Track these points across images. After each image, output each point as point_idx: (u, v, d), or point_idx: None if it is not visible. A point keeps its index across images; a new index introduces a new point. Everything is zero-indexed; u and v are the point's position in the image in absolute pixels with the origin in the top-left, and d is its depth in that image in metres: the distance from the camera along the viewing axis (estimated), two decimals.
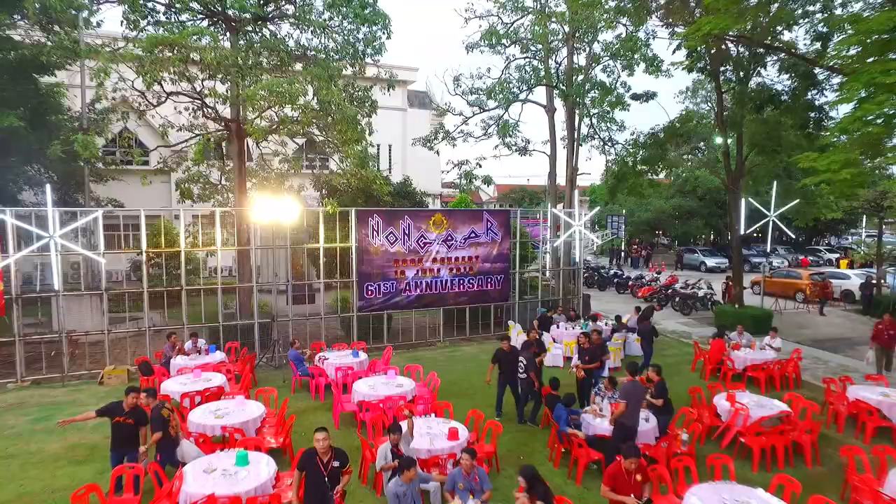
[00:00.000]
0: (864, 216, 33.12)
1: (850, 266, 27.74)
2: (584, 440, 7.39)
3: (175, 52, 10.49)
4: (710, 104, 30.60)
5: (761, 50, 15.43)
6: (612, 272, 25.72)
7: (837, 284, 21.85)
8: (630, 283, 23.28)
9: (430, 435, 7.05)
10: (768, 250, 18.49)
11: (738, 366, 11.40)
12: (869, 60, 7.91)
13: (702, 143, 24.23)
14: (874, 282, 19.62)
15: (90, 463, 7.58)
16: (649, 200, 34.50)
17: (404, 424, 6.61)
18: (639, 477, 5.54)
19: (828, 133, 8.42)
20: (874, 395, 8.94)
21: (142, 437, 6.59)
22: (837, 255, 33.03)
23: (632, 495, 5.45)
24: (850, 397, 9.16)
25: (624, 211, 36.75)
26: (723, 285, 20.08)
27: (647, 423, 7.71)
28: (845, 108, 8.74)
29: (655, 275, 23.91)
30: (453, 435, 6.95)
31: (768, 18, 13.44)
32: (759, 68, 16.21)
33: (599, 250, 41.14)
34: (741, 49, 16.02)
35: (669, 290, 20.50)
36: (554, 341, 13.28)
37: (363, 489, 6.91)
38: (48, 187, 10.57)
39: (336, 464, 5.57)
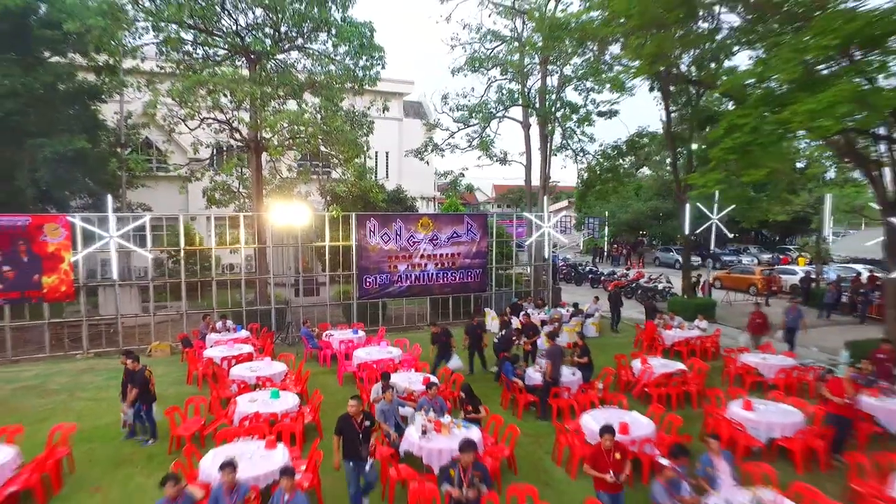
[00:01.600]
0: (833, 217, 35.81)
1: (809, 263, 30.34)
2: (524, 387, 10.03)
3: (212, 89, 13.08)
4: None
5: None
6: (587, 269, 28.34)
7: (787, 279, 24.47)
8: (602, 278, 25.92)
9: (410, 381, 9.69)
10: (712, 250, 21.06)
11: (667, 342, 14.00)
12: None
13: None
14: (813, 277, 22.22)
15: (161, 403, 9.96)
16: (629, 203, 37.13)
17: (395, 376, 9.22)
18: (618, 455, 5.93)
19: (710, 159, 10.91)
20: (755, 360, 11.58)
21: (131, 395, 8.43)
22: (797, 254, 35.65)
23: (610, 472, 5.80)
24: (740, 362, 11.78)
25: (607, 213, 39.37)
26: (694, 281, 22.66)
27: (574, 376, 10.34)
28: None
29: (626, 271, 26.51)
30: (426, 381, 9.54)
31: (711, 49, 16.10)
32: (708, 89, 18.76)
33: (585, 249, 43.84)
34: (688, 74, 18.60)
35: (634, 285, 23.15)
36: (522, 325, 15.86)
37: None
38: (109, 198, 13.23)
39: (367, 423, 6.54)
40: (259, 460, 6.53)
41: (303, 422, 8.43)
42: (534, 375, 10.40)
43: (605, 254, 38.22)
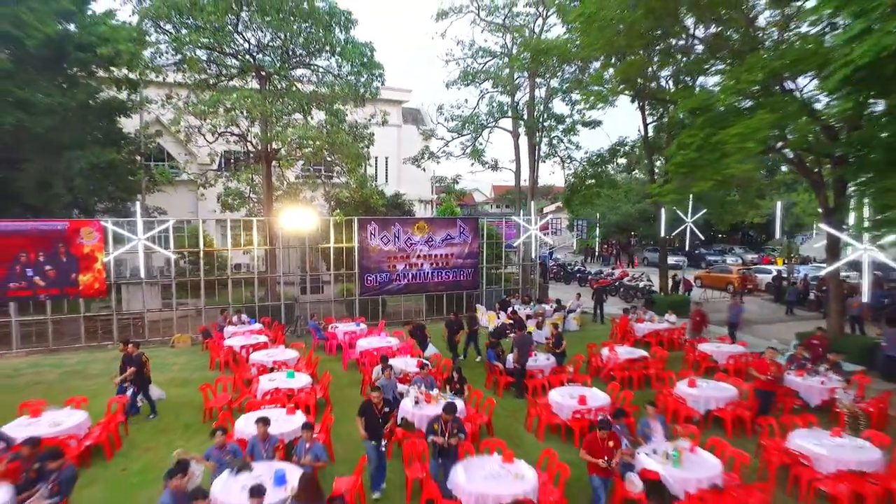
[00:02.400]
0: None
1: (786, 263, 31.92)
2: (504, 370, 11.60)
3: (229, 107, 14.64)
4: None
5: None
6: (576, 268, 29.92)
7: (762, 278, 26.03)
8: (589, 277, 27.50)
9: (406, 364, 11.26)
10: (687, 250, 22.64)
11: (638, 334, 15.55)
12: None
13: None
14: (784, 276, 23.80)
15: (188, 386, 11.77)
16: (618, 205, 38.69)
17: (392, 360, 10.76)
18: (611, 443, 6.70)
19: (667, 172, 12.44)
20: (712, 348, 13.15)
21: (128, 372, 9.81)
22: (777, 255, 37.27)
23: (604, 458, 6.56)
24: (698, 350, 13.34)
25: (598, 215, 40.88)
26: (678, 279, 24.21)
27: (548, 361, 11.90)
28: None
29: (611, 270, 28.09)
30: (419, 364, 11.11)
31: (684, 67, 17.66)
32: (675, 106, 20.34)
33: (578, 249, 45.42)
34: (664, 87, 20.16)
35: (618, 283, 24.74)
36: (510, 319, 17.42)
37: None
38: (138, 205, 14.78)
39: (386, 409, 7.58)
40: (282, 422, 8.08)
41: (315, 397, 9.98)
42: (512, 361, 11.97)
43: (596, 254, 39.78)
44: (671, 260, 35.45)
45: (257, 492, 5.43)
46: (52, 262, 14.26)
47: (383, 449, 7.67)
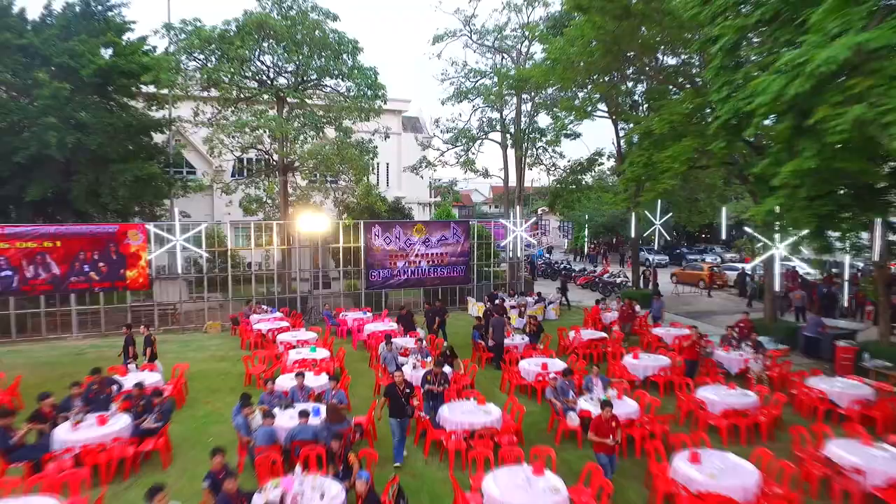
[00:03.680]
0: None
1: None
2: (486, 347, 14.10)
3: (254, 126, 17.16)
4: None
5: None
6: (562, 266, 32.46)
7: (731, 275, 28.51)
8: (573, 274, 30.01)
9: (406, 342, 13.75)
10: (656, 250, 25.14)
11: (606, 321, 18.02)
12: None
13: None
14: (749, 273, 26.28)
15: (224, 361, 14.27)
16: (604, 207, 41.18)
17: (394, 340, 13.24)
18: (614, 423, 7.50)
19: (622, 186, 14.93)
20: (662, 331, 15.65)
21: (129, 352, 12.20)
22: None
23: (610, 436, 7.39)
24: (652, 333, 15.83)
25: (586, 216, 43.38)
26: (647, 274, 26.71)
27: (522, 340, 14.40)
28: None
29: (594, 267, 30.62)
30: (417, 341, 13.58)
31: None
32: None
33: (569, 248, 47.91)
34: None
35: (598, 279, 27.27)
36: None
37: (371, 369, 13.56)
38: (176, 210, 17.24)
39: (408, 390, 8.62)
40: (311, 380, 10.56)
41: (333, 367, 12.46)
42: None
43: (585, 253, 42.30)
44: (654, 259, 38.31)
45: (305, 413, 7.93)
46: (105, 260, 16.74)
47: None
